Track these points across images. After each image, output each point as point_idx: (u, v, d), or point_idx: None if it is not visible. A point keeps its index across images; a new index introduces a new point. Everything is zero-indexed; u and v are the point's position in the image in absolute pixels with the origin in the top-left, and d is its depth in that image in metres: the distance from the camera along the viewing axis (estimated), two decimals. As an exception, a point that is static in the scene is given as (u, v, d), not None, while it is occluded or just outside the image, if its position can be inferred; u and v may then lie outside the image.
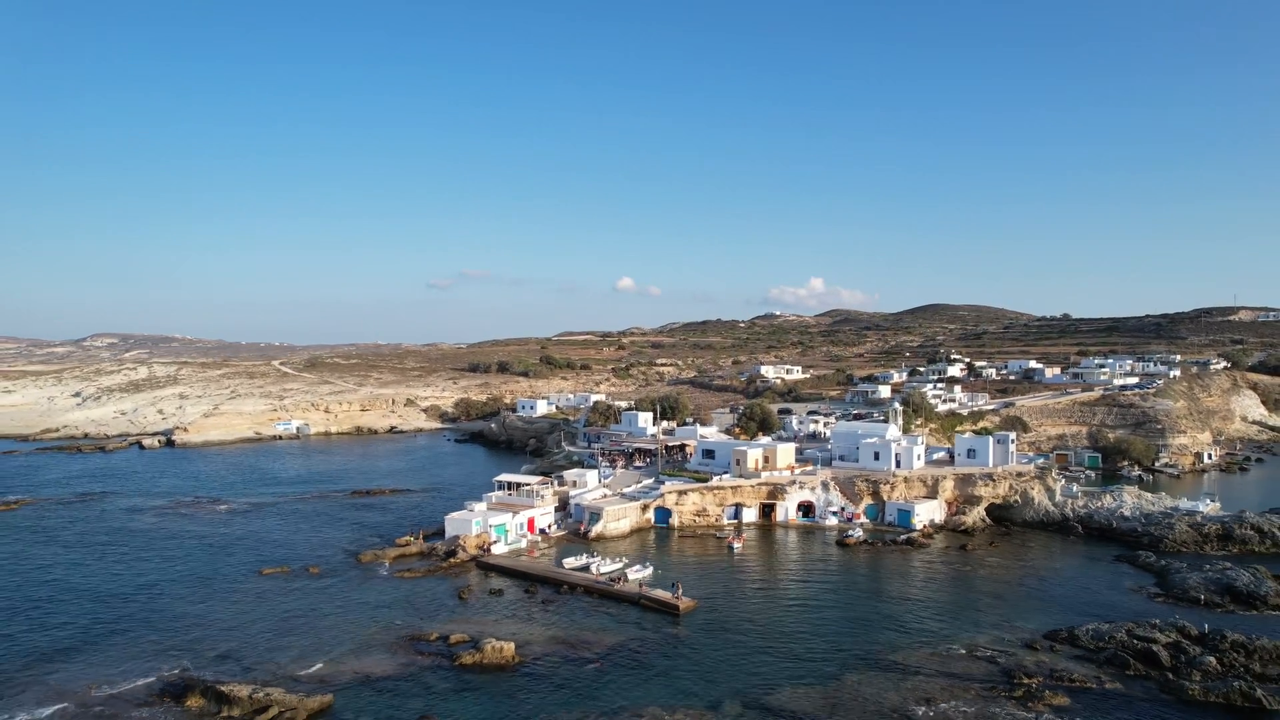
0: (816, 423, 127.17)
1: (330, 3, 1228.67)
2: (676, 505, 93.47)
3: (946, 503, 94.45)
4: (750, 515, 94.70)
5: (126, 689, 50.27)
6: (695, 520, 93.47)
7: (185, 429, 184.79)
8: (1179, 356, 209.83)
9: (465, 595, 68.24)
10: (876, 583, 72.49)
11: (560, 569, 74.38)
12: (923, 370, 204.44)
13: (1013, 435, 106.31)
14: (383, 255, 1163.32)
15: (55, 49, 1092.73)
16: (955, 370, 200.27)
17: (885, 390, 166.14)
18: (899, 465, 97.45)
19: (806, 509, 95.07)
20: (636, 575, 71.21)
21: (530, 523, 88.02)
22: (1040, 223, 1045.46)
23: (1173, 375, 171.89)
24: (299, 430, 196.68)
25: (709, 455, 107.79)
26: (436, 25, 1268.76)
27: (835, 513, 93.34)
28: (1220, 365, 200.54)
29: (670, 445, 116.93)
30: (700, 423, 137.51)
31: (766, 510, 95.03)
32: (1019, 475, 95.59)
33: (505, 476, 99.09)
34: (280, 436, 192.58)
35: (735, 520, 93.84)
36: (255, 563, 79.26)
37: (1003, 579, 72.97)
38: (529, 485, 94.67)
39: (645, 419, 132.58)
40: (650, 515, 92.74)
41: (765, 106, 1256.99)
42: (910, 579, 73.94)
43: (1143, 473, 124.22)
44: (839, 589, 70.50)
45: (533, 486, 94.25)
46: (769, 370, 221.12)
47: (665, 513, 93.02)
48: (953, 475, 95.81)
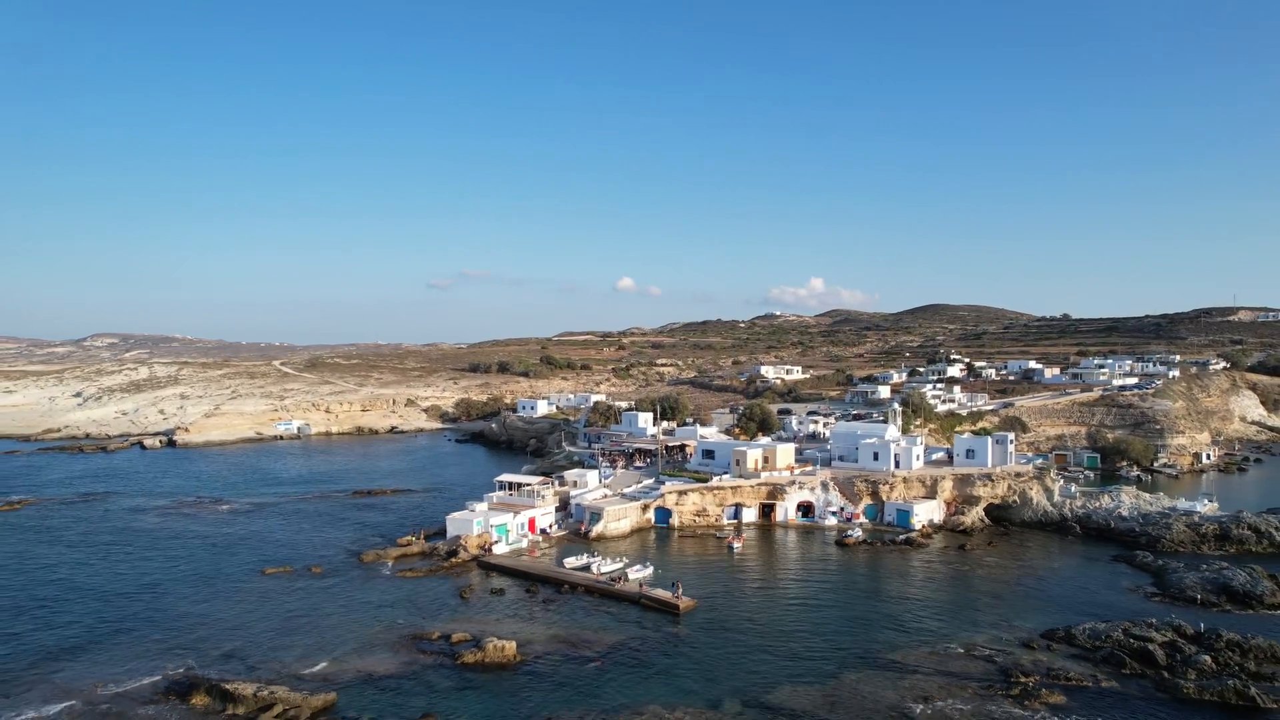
0: (816, 423, 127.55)
1: (330, 3, 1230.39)
2: (677, 505, 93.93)
3: (945, 503, 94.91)
4: (750, 515, 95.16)
5: (132, 687, 50.77)
6: (695, 520, 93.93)
7: (186, 429, 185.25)
8: (1178, 357, 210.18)
9: (467, 595, 68.72)
10: (875, 582, 72.96)
11: (561, 569, 74.84)
12: (922, 371, 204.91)
13: (1011, 436, 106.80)
14: (383, 255, 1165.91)
15: (55, 49, 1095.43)
16: (955, 371, 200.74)
17: (885, 391, 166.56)
18: (898, 465, 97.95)
19: (806, 509, 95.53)
20: (637, 575, 71.66)
21: (531, 523, 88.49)
22: (1040, 223, 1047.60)
23: (1172, 375, 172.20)
24: (300, 430, 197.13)
25: (709, 455, 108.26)
26: (436, 25, 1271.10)
27: (835, 513, 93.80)
28: (1219, 365, 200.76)
29: (670, 445, 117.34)
30: (700, 423, 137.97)
31: (766, 510, 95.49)
32: (1017, 475, 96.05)
33: (506, 477, 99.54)
34: (281, 437, 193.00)
35: (735, 520, 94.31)
36: (258, 562, 79.74)
37: (1001, 579, 73.43)
38: (530, 485, 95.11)
39: (645, 419, 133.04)
40: (650, 515, 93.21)
41: (765, 106, 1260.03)
42: (909, 579, 74.40)
43: (1141, 473, 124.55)
44: (838, 588, 70.96)
45: (533, 487, 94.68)
46: (769, 370, 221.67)
47: (665, 513, 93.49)
48: (951, 475, 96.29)
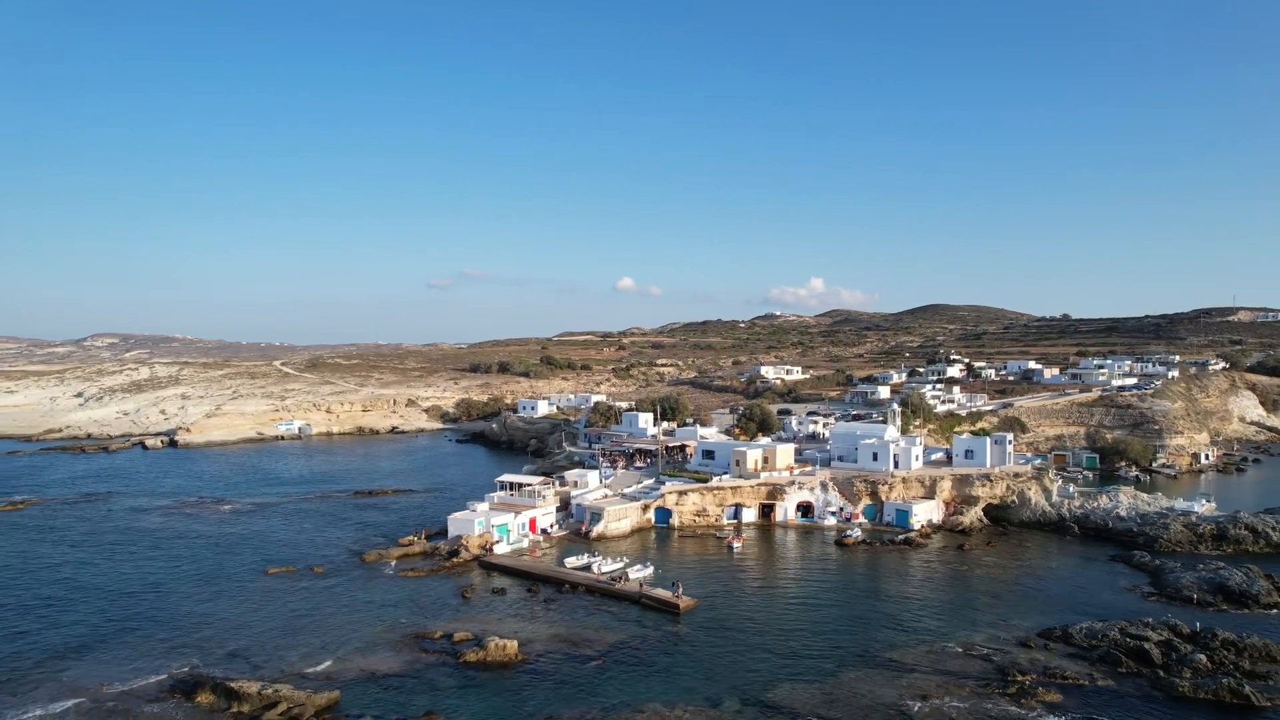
0: (816, 423, 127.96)
1: (330, 3, 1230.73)
2: (677, 505, 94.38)
3: (944, 503, 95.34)
4: (750, 515, 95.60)
5: (138, 685, 51.25)
6: (695, 520, 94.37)
7: (188, 429, 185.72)
8: (1178, 357, 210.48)
9: (468, 594, 69.19)
10: (874, 582, 73.42)
11: (562, 568, 75.30)
12: (922, 371, 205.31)
13: (1010, 436, 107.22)
14: (383, 255, 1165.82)
15: (55, 49, 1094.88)
16: (954, 371, 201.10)
17: (884, 391, 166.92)
18: (897, 466, 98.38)
19: (805, 509, 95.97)
20: (637, 574, 72.09)
21: (532, 523, 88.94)
22: (1040, 223, 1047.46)
23: (1171, 376, 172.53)
24: (301, 430, 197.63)
25: (709, 456, 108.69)
26: (436, 25, 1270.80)
27: (834, 513, 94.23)
28: (1219, 366, 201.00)
29: (670, 446, 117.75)
30: (700, 423, 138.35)
31: (766, 510, 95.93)
32: (1016, 476, 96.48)
33: (507, 477, 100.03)
34: (282, 437, 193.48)
35: (735, 520, 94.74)
36: (260, 562, 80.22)
37: (999, 578, 73.89)
38: (531, 485, 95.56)
39: (646, 419, 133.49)
40: (651, 515, 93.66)
41: (765, 106, 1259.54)
42: (908, 578, 74.86)
43: (1140, 473, 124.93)
44: (837, 588, 71.42)
45: (534, 487, 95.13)
46: (769, 371, 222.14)
47: (665, 513, 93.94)
48: (950, 476, 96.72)
